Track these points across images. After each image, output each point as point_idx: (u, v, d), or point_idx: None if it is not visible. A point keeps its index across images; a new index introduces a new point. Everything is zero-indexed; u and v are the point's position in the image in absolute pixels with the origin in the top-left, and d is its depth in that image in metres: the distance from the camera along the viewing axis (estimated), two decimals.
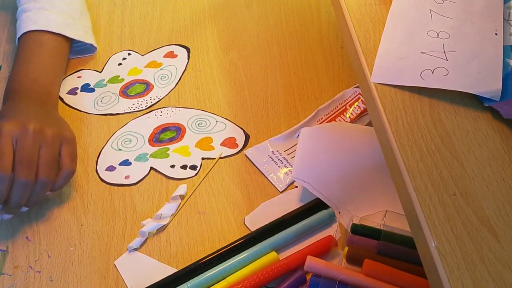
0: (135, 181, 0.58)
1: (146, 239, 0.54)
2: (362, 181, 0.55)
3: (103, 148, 0.61)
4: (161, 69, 0.69)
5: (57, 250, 0.53)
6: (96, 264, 0.52)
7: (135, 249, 0.53)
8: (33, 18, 0.65)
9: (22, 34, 0.64)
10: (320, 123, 0.61)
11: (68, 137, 0.56)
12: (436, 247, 0.33)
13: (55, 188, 0.55)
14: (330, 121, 0.61)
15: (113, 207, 0.56)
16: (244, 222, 0.54)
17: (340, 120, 0.61)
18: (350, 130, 0.59)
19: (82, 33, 0.68)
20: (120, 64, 0.70)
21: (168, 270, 0.51)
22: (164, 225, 0.54)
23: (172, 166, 0.59)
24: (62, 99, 0.66)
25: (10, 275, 0.52)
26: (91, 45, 0.69)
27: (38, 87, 0.61)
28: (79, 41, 0.68)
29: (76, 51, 0.70)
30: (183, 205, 0.56)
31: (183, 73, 0.69)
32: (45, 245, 0.54)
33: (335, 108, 0.62)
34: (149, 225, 0.54)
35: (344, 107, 0.62)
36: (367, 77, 0.40)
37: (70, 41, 0.67)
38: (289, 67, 0.69)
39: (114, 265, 0.52)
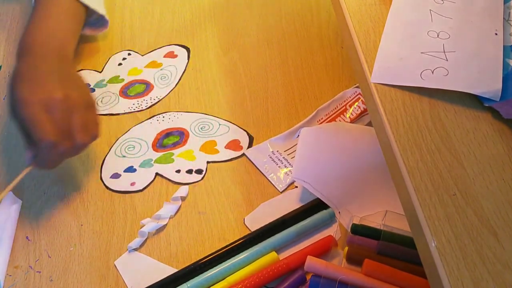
0: (141, 188, 0.58)
1: (146, 239, 0.54)
2: (362, 181, 0.55)
3: (106, 155, 0.61)
4: (161, 69, 0.69)
5: (57, 250, 0.53)
6: (96, 264, 0.52)
7: (135, 249, 0.53)
8: None
9: None
10: (320, 123, 0.61)
11: (89, 101, 0.56)
12: (436, 247, 0.33)
13: (70, 155, 0.55)
14: (330, 121, 0.61)
15: (113, 207, 0.56)
16: (244, 222, 0.54)
17: (340, 120, 0.61)
18: (350, 130, 0.59)
19: (96, 2, 0.67)
20: (120, 64, 0.70)
21: (168, 270, 0.51)
22: (163, 225, 0.54)
23: (178, 171, 0.59)
24: None
25: (10, 275, 0.52)
26: (103, 17, 0.68)
27: (55, 42, 0.60)
28: (92, 15, 0.66)
29: (90, 23, 0.68)
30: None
31: (183, 73, 0.69)
32: (45, 245, 0.54)
33: (335, 108, 0.62)
34: (149, 225, 0.54)
35: (344, 107, 0.62)
36: (367, 77, 0.40)
37: (86, 9, 0.65)
38: (289, 67, 0.69)
39: (114, 265, 0.52)
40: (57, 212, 0.56)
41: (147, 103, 0.66)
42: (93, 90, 0.67)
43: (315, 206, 0.54)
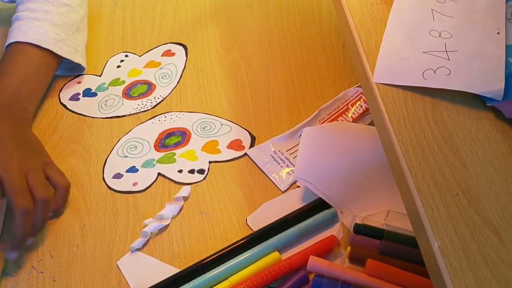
0: (143, 188, 0.58)
1: (148, 239, 0.54)
2: (364, 180, 0.55)
3: (108, 155, 0.61)
4: (160, 68, 0.69)
5: (60, 250, 0.53)
6: (98, 264, 0.52)
7: (138, 249, 0.53)
8: (23, 29, 0.63)
9: (10, 43, 0.63)
10: (322, 122, 0.61)
11: (47, 160, 0.57)
12: (439, 247, 0.32)
13: (59, 208, 0.55)
14: (332, 120, 0.61)
15: (116, 207, 0.56)
16: (246, 222, 0.54)
17: (342, 120, 0.61)
18: (352, 130, 0.59)
19: (72, 50, 0.66)
20: (118, 66, 0.70)
21: (170, 270, 0.51)
22: (166, 225, 0.54)
23: (180, 171, 0.59)
24: (65, 106, 0.66)
25: (13, 276, 0.52)
26: (80, 64, 0.67)
27: (16, 101, 0.60)
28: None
29: (65, 68, 0.68)
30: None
31: (183, 70, 0.69)
32: (48, 246, 0.54)
33: (337, 107, 0.62)
34: (151, 225, 0.54)
35: (346, 106, 0.62)
36: (369, 77, 0.40)
37: (60, 56, 0.65)
38: (291, 66, 0.69)
39: (117, 265, 0.52)
40: (59, 212, 0.56)
41: (151, 102, 0.66)
42: (95, 94, 0.67)
43: (318, 205, 0.54)
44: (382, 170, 0.55)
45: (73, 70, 0.69)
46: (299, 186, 0.57)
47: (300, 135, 0.59)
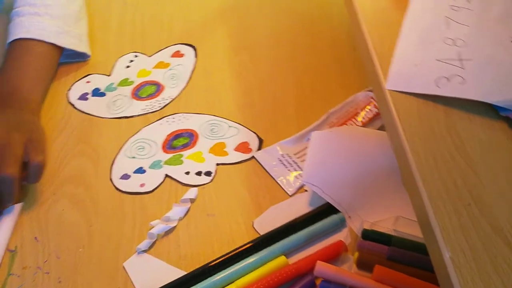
0: (150, 189, 0.58)
1: (155, 241, 0.54)
2: (373, 185, 0.55)
3: (116, 156, 0.61)
4: (170, 69, 0.69)
5: (66, 251, 0.53)
6: (105, 266, 0.52)
7: (144, 251, 0.53)
8: (25, 25, 0.64)
9: (12, 41, 0.64)
10: (331, 126, 0.61)
11: (33, 138, 0.56)
12: (450, 257, 0.32)
13: (29, 181, 0.55)
14: (341, 124, 0.61)
15: (123, 208, 0.56)
16: (253, 226, 0.54)
17: (351, 124, 0.60)
18: (361, 134, 0.58)
19: (76, 41, 0.67)
20: (128, 66, 0.70)
21: (176, 273, 0.51)
22: (172, 227, 0.54)
23: (187, 173, 0.59)
24: (73, 105, 0.66)
25: (18, 276, 0.52)
26: (85, 53, 0.69)
27: (17, 94, 0.61)
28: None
29: (68, 55, 0.69)
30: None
31: (192, 71, 0.69)
32: (54, 246, 0.54)
33: (347, 111, 0.62)
34: (158, 227, 0.54)
35: (356, 110, 0.61)
36: (382, 84, 0.40)
37: (62, 47, 0.66)
38: (300, 69, 0.68)
39: (123, 266, 0.52)
40: (66, 212, 0.56)
41: (160, 103, 0.66)
42: (104, 94, 0.67)
43: (325, 210, 0.54)
44: (391, 175, 0.55)
45: (76, 57, 0.69)
46: (306, 190, 0.56)
47: (309, 138, 0.59)
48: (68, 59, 0.70)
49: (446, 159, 0.36)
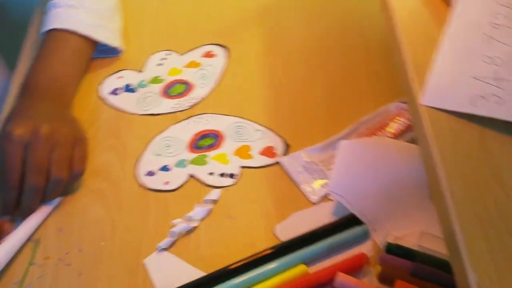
0: (174, 187, 0.58)
1: (176, 239, 0.54)
2: (399, 199, 0.54)
3: (143, 152, 0.61)
4: (200, 69, 0.69)
5: (88, 244, 0.54)
6: (125, 261, 0.52)
7: (165, 249, 0.53)
8: (61, 16, 0.65)
9: (48, 30, 0.65)
10: (360, 136, 0.60)
11: (79, 138, 0.57)
12: (477, 283, 0.31)
13: (66, 186, 0.56)
14: (371, 135, 0.60)
15: (146, 204, 0.57)
16: (274, 231, 0.54)
17: (381, 135, 0.59)
18: (391, 146, 0.57)
19: (110, 35, 0.68)
20: (159, 64, 0.70)
21: (195, 273, 0.51)
22: (194, 227, 0.54)
23: (211, 174, 0.59)
24: (104, 100, 0.67)
25: (40, 266, 0.53)
26: (116, 48, 0.69)
27: (55, 86, 0.62)
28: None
29: (101, 51, 0.70)
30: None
31: (222, 72, 0.69)
32: (77, 238, 0.54)
33: (377, 122, 0.61)
34: (179, 226, 0.54)
35: (387, 121, 0.60)
36: (416, 98, 0.38)
37: (96, 41, 0.67)
38: (332, 76, 0.67)
39: (143, 263, 0.52)
40: (91, 205, 0.57)
41: (188, 102, 0.66)
42: (135, 90, 0.68)
43: (349, 221, 0.53)
44: (419, 190, 0.54)
45: (108, 53, 0.70)
46: (331, 199, 0.56)
47: (337, 147, 0.58)
48: (100, 55, 0.70)
49: (478, 181, 0.35)
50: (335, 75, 0.67)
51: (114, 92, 0.68)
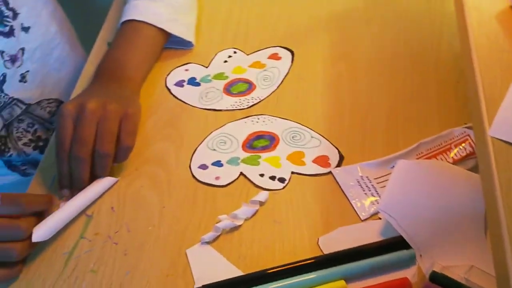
0: (224, 183, 0.58)
1: (219, 235, 0.54)
2: (452, 228, 0.51)
3: (199, 145, 0.63)
4: (264, 70, 0.70)
5: (136, 226, 0.56)
6: (169, 248, 0.54)
7: (207, 242, 0.54)
8: (140, 8, 0.68)
9: (126, 20, 0.68)
10: (420, 157, 0.58)
11: (128, 113, 0.58)
12: None
13: (117, 161, 0.58)
14: (431, 157, 0.57)
15: (195, 196, 0.58)
16: (317, 242, 0.53)
17: (441, 159, 0.57)
18: (450, 172, 0.55)
19: (184, 29, 0.70)
20: (225, 61, 0.71)
21: (233, 271, 0.52)
22: (238, 226, 0.55)
23: (261, 175, 0.59)
24: (169, 90, 0.69)
25: (90, 240, 0.55)
26: (190, 41, 0.71)
27: (121, 71, 0.64)
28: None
29: (174, 41, 0.72)
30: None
31: (285, 76, 0.69)
32: (127, 219, 0.56)
33: (439, 145, 0.58)
34: (225, 222, 0.55)
35: (449, 146, 0.58)
36: (485, 128, 0.37)
37: (169, 34, 0.70)
38: (398, 91, 0.66)
39: (185, 253, 0.53)
40: (144, 189, 0.59)
41: (248, 102, 0.66)
42: (199, 84, 0.69)
43: (396, 243, 0.51)
44: (474, 221, 0.51)
45: (180, 44, 0.72)
46: (380, 218, 0.54)
47: (394, 166, 0.56)
48: (173, 45, 0.72)
49: None
50: (402, 91, 0.65)
51: (179, 83, 0.70)
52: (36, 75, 0.70)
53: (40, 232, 0.51)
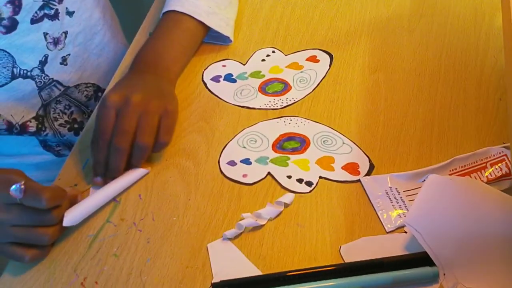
0: (251, 182, 0.58)
1: (241, 232, 0.54)
2: (480, 249, 0.50)
3: (229, 141, 0.63)
4: (301, 72, 0.69)
5: (161, 216, 0.56)
6: (190, 241, 0.54)
7: (229, 239, 0.54)
8: (182, 0, 0.69)
9: (167, 11, 0.69)
10: (453, 174, 0.56)
11: (168, 110, 0.59)
12: None
13: (153, 151, 0.59)
14: (464, 174, 0.56)
15: (221, 192, 0.58)
16: (339, 250, 0.52)
17: (475, 177, 0.55)
18: (483, 191, 0.53)
19: (223, 24, 0.71)
20: (263, 60, 0.71)
21: (252, 270, 0.52)
22: (261, 225, 0.55)
23: (289, 177, 0.59)
24: (205, 84, 0.70)
25: (115, 225, 0.56)
26: (228, 37, 0.71)
27: (159, 62, 0.65)
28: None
29: (212, 36, 0.72)
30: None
31: (322, 79, 0.68)
32: (153, 208, 0.57)
33: (474, 162, 0.57)
34: (248, 220, 0.55)
35: (485, 164, 0.56)
36: None
37: (208, 28, 0.70)
38: (435, 105, 0.64)
39: (206, 247, 0.54)
40: (172, 180, 0.59)
41: (282, 102, 0.66)
42: (235, 81, 0.69)
43: (420, 259, 0.50)
44: (504, 245, 0.49)
45: (219, 40, 0.73)
46: (406, 232, 0.53)
47: (424, 179, 0.55)
48: (211, 40, 0.73)
49: None
50: (440, 104, 0.64)
51: (216, 78, 0.70)
52: (77, 59, 0.71)
53: (71, 217, 0.53)
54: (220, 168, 0.60)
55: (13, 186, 0.48)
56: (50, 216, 0.51)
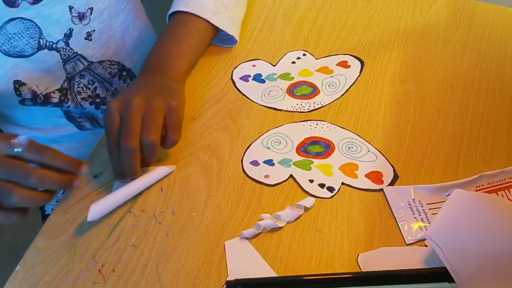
0: (272, 183, 0.58)
1: (259, 233, 0.54)
2: (502, 270, 0.48)
3: (254, 141, 0.63)
4: (331, 76, 0.69)
5: (181, 210, 0.57)
6: (208, 237, 0.54)
7: (247, 238, 0.54)
8: (186, 0, 0.69)
9: (173, 13, 0.69)
10: (479, 190, 0.55)
11: (172, 106, 0.59)
12: None
13: (163, 147, 0.59)
14: (490, 192, 0.54)
15: (242, 191, 0.58)
16: (357, 258, 0.52)
17: (502, 195, 0.54)
18: (509, 210, 0.52)
19: (228, 23, 0.71)
20: (293, 62, 0.71)
21: (267, 271, 0.52)
22: (279, 227, 0.55)
23: (311, 181, 0.58)
24: (234, 83, 0.70)
25: (135, 216, 0.57)
26: (233, 37, 0.71)
27: (164, 62, 0.65)
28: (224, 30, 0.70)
29: (220, 39, 0.72)
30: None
31: (351, 85, 0.68)
32: (173, 202, 0.58)
33: (502, 180, 0.55)
34: (267, 221, 0.55)
35: None
36: None
37: (216, 28, 0.70)
38: (466, 118, 0.63)
39: (224, 244, 0.54)
40: (194, 175, 0.60)
41: (309, 106, 0.66)
42: (264, 81, 0.70)
43: (439, 274, 0.49)
44: None
45: (226, 42, 0.73)
46: (426, 245, 0.52)
47: (449, 194, 0.54)
48: (219, 43, 0.73)
49: None
50: (471, 118, 0.62)
51: (245, 78, 0.70)
52: (101, 36, 0.72)
53: (95, 211, 0.54)
54: (242, 167, 0.60)
55: (20, 136, 0.48)
56: (32, 179, 0.49)
